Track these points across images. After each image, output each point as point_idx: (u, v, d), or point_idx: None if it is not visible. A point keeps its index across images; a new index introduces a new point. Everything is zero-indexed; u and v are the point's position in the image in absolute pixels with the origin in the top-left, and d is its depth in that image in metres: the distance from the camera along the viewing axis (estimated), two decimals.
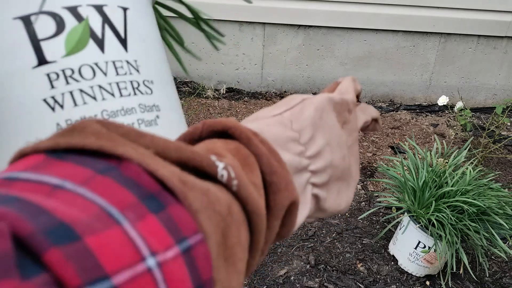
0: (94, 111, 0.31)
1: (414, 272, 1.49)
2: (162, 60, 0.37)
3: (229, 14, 2.83)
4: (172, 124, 0.36)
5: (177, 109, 0.38)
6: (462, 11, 2.84)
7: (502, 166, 2.35)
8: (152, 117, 0.34)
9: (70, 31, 0.30)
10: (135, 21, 0.35)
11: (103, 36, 0.32)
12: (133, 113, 0.33)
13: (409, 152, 1.61)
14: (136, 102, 0.33)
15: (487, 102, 3.21)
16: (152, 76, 0.35)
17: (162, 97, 0.35)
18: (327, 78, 3.11)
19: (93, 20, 0.32)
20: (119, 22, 0.33)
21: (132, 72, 0.33)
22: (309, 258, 1.55)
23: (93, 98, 0.31)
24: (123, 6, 0.34)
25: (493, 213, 1.33)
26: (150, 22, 0.37)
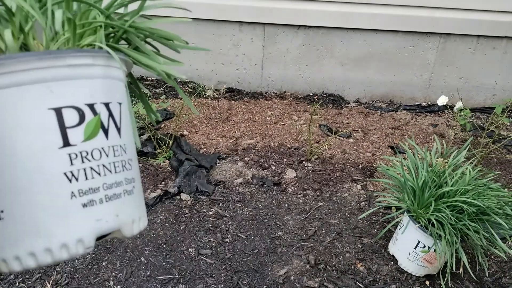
0: (97, 184, 0.41)
1: (414, 272, 1.50)
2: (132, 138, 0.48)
3: (229, 14, 2.84)
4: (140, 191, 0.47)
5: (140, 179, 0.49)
6: (461, 11, 2.85)
7: (501, 166, 2.36)
8: (131, 188, 0.44)
9: (88, 123, 0.40)
10: (125, 113, 0.45)
11: (108, 126, 0.42)
12: (121, 185, 0.43)
13: (409, 152, 1.61)
14: (123, 177, 0.43)
15: (486, 102, 3.21)
16: (131, 155, 0.46)
17: (136, 171, 0.46)
18: (327, 78, 3.12)
19: (103, 114, 0.41)
20: (117, 115, 0.43)
21: (122, 154, 0.44)
22: (309, 258, 1.55)
23: (98, 174, 0.40)
24: (119, 101, 0.44)
25: (493, 213, 1.33)
26: (130, 109, 0.48)
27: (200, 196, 1.89)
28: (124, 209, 0.43)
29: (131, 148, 0.45)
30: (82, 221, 0.39)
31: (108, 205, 0.41)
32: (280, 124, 2.68)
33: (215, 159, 2.17)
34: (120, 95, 0.45)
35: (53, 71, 0.38)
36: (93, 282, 1.40)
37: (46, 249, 0.38)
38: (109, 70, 0.44)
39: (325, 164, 2.22)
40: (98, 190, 0.40)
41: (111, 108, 0.43)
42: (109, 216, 0.41)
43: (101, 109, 0.41)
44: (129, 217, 0.43)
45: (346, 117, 2.87)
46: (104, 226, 0.41)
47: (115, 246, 1.56)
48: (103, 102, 0.42)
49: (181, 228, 1.68)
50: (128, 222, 0.43)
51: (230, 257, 1.55)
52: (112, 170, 0.42)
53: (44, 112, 0.38)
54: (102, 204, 0.41)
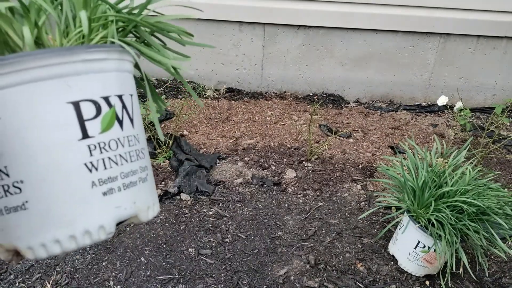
0: (116, 173, 0.43)
1: (414, 272, 1.50)
2: (143, 128, 0.50)
3: (229, 14, 2.84)
4: (152, 178, 0.50)
5: (151, 167, 0.51)
6: (461, 11, 2.85)
7: (501, 166, 2.36)
8: (145, 175, 0.47)
9: (104, 115, 0.42)
10: (136, 103, 0.48)
11: (122, 118, 0.44)
12: (136, 173, 0.45)
13: (409, 152, 1.61)
14: (138, 165, 0.46)
15: (486, 102, 3.21)
16: (144, 144, 0.48)
17: (148, 159, 0.49)
18: (327, 78, 3.12)
19: (117, 106, 0.43)
20: (129, 106, 0.45)
21: (136, 143, 0.46)
22: (309, 258, 1.55)
23: (116, 163, 0.43)
24: (131, 93, 0.46)
25: (493, 213, 1.33)
26: (137, 99, 0.50)
27: (200, 196, 1.89)
28: (140, 196, 0.45)
29: (142, 137, 0.48)
30: (103, 209, 0.41)
31: (125, 193, 0.43)
32: (280, 124, 2.68)
33: (215, 159, 2.17)
34: (131, 87, 0.47)
35: (70, 67, 0.40)
36: (93, 282, 1.40)
37: (71, 236, 0.40)
38: (122, 63, 0.46)
39: (325, 164, 2.22)
40: (116, 179, 0.43)
41: (124, 100, 0.45)
42: (127, 203, 0.43)
43: (116, 102, 0.43)
44: (145, 203, 0.46)
45: (346, 117, 2.87)
46: (123, 212, 0.43)
47: (115, 246, 1.56)
48: (117, 94, 0.44)
49: (181, 228, 1.68)
50: (144, 208, 0.46)
51: (230, 257, 1.55)
52: (128, 160, 0.44)
53: (63, 106, 0.39)
54: (120, 192, 0.43)
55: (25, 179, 0.39)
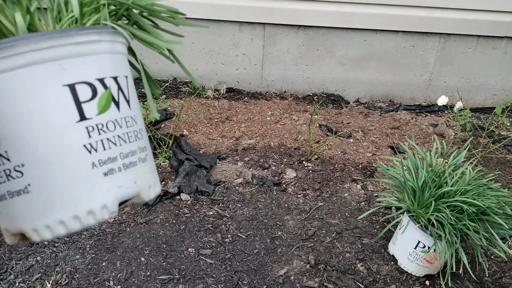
0: (115, 154, 0.43)
1: (414, 272, 1.50)
2: (140, 110, 0.50)
3: (229, 14, 2.84)
4: (152, 159, 0.50)
5: (150, 148, 0.51)
6: (461, 11, 2.85)
7: (501, 166, 2.36)
8: (144, 156, 0.47)
9: (100, 96, 0.42)
10: (131, 85, 0.48)
11: (119, 99, 0.44)
12: (136, 154, 0.46)
13: (409, 152, 1.61)
14: (137, 146, 0.46)
15: (486, 102, 3.21)
16: (141, 125, 0.49)
17: (146, 140, 0.49)
18: (327, 78, 3.12)
19: (113, 88, 0.44)
20: (125, 87, 0.46)
21: (134, 124, 0.46)
22: (309, 258, 1.55)
23: (114, 144, 0.43)
24: (125, 75, 0.47)
25: (493, 213, 1.33)
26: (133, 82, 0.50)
27: (200, 196, 1.89)
28: (140, 176, 0.46)
29: (140, 119, 0.49)
30: (105, 189, 0.42)
31: (126, 173, 0.44)
32: (280, 124, 2.68)
33: (215, 159, 2.17)
34: (125, 69, 0.48)
35: (63, 49, 0.40)
36: (93, 282, 1.40)
37: (75, 216, 0.41)
38: (115, 45, 0.46)
39: (325, 164, 2.22)
40: (116, 159, 0.43)
41: (119, 82, 0.45)
42: (128, 182, 0.44)
43: (111, 83, 0.44)
44: (146, 182, 0.47)
45: (346, 117, 2.87)
46: (125, 192, 0.44)
47: (115, 246, 1.56)
48: (112, 76, 0.44)
49: (181, 228, 1.68)
50: (145, 188, 0.47)
51: (230, 257, 1.55)
52: (127, 140, 0.45)
53: (59, 89, 0.40)
54: (121, 172, 0.44)
55: (26, 162, 0.39)
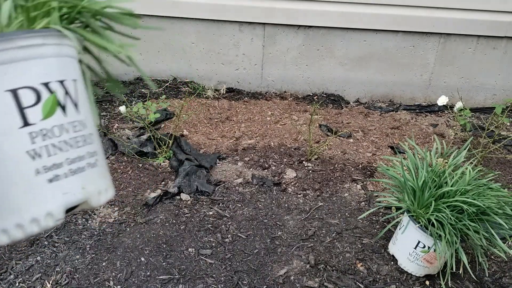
0: (61, 159, 0.42)
1: (414, 272, 1.50)
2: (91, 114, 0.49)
3: (229, 14, 2.84)
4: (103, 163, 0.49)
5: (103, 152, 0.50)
6: (461, 11, 2.85)
7: (501, 166, 2.36)
8: (94, 161, 0.46)
9: (45, 101, 0.41)
10: (81, 89, 0.47)
11: (65, 103, 0.43)
12: (84, 159, 0.45)
13: (409, 152, 1.61)
14: (85, 150, 0.45)
15: (486, 102, 3.21)
16: (92, 130, 0.47)
17: (98, 144, 0.48)
18: (327, 78, 3.12)
19: (59, 92, 0.43)
20: (73, 91, 0.45)
21: (82, 129, 0.45)
22: (309, 258, 1.56)
23: (60, 149, 0.42)
24: (74, 78, 0.46)
25: (493, 213, 1.33)
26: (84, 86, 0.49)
27: (200, 196, 1.89)
28: (89, 181, 0.45)
29: (91, 123, 0.47)
30: (49, 196, 0.41)
31: (73, 179, 0.43)
32: (280, 124, 2.68)
33: (215, 159, 2.17)
34: (74, 72, 0.46)
35: (5, 54, 0.39)
36: (93, 282, 1.40)
37: (18, 224, 0.39)
38: (62, 48, 0.45)
39: (325, 164, 2.22)
40: (61, 165, 0.42)
41: (67, 86, 0.44)
42: (75, 189, 0.43)
43: (57, 87, 0.43)
44: (95, 188, 0.46)
45: (346, 117, 2.87)
46: (71, 198, 0.43)
47: (115, 246, 1.56)
48: (58, 80, 0.43)
49: (181, 228, 1.68)
50: (95, 193, 0.45)
51: (230, 257, 1.55)
52: (74, 145, 0.44)
53: (1, 94, 0.39)
54: (67, 178, 0.42)
55: None
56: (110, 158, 2.14)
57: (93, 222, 1.68)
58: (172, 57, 3.03)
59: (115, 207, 1.78)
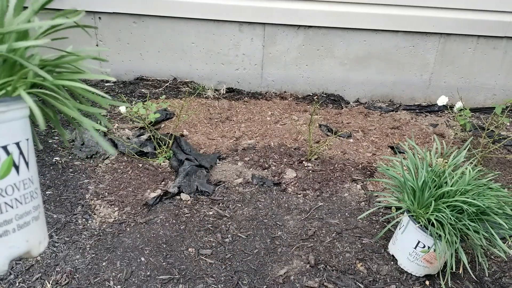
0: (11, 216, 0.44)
1: (414, 271, 1.50)
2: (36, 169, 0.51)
3: (229, 14, 2.84)
4: (43, 214, 0.51)
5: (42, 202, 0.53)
6: (461, 11, 2.85)
7: (501, 166, 2.36)
8: (38, 214, 0.49)
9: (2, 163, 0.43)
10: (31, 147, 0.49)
11: (19, 163, 0.46)
12: (30, 214, 0.47)
13: (409, 152, 1.61)
14: (32, 205, 0.48)
15: (486, 102, 3.21)
16: (37, 183, 0.50)
17: (40, 196, 0.51)
18: (327, 78, 3.12)
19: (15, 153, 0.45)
20: (25, 150, 0.47)
21: (31, 185, 0.48)
22: (309, 258, 1.56)
23: (11, 207, 0.44)
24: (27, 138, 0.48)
25: (493, 213, 1.33)
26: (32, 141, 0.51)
27: (200, 196, 1.89)
28: (32, 234, 0.48)
29: (36, 178, 0.50)
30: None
31: (19, 233, 0.46)
32: (280, 124, 2.68)
33: (215, 159, 2.17)
34: (28, 131, 0.49)
35: None
36: (93, 282, 1.40)
37: None
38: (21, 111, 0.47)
39: (325, 164, 2.22)
40: (11, 221, 0.45)
41: (21, 146, 0.46)
42: (20, 242, 0.46)
43: (13, 149, 0.45)
44: (37, 239, 0.49)
45: (346, 117, 2.87)
46: (16, 251, 0.45)
47: (115, 246, 1.56)
48: (15, 142, 0.45)
49: (181, 228, 1.68)
50: (36, 244, 0.48)
51: (230, 257, 1.55)
52: (23, 202, 0.46)
53: None
54: (14, 233, 0.45)
55: None
56: (110, 158, 2.14)
57: (93, 222, 1.68)
58: (172, 57, 3.03)
59: (115, 207, 1.78)
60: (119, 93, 2.89)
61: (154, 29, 2.92)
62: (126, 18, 2.88)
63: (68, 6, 2.76)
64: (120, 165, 2.10)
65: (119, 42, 2.96)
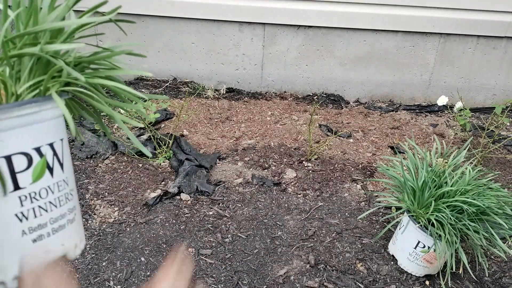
0: (45, 220, 0.44)
1: (414, 272, 1.50)
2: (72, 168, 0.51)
3: (229, 14, 2.84)
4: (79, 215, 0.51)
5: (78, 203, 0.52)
6: (461, 11, 2.85)
7: (501, 166, 2.36)
8: (73, 216, 0.48)
9: (35, 166, 0.43)
10: (66, 147, 0.49)
11: (53, 165, 0.45)
12: (65, 216, 0.47)
13: (409, 152, 1.61)
14: (67, 208, 0.47)
15: (486, 102, 3.21)
16: (72, 185, 0.49)
17: (76, 198, 0.50)
18: (327, 78, 3.11)
19: (48, 155, 0.45)
20: (60, 151, 0.47)
21: (65, 187, 0.47)
22: (309, 258, 1.56)
23: (45, 210, 0.44)
24: (61, 138, 0.48)
25: (493, 213, 1.33)
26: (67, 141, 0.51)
27: (200, 196, 1.89)
28: (68, 237, 0.48)
29: (71, 178, 0.50)
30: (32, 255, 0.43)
31: (55, 237, 0.46)
32: (280, 124, 2.68)
33: (215, 159, 2.17)
34: (62, 131, 0.49)
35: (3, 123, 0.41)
36: (93, 282, 1.40)
37: (1, 282, 0.42)
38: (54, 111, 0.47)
39: (325, 164, 2.22)
40: (46, 225, 0.44)
41: (55, 147, 0.46)
42: (56, 246, 0.46)
43: (47, 150, 0.45)
44: (73, 243, 0.48)
45: (346, 117, 2.87)
46: (51, 256, 0.45)
47: (115, 246, 1.56)
48: (48, 143, 0.45)
49: (181, 228, 1.68)
50: (72, 248, 0.48)
51: (230, 257, 1.55)
52: (57, 205, 0.46)
53: None
54: (49, 237, 0.45)
55: None
56: (110, 158, 2.14)
57: (93, 222, 1.68)
58: (172, 57, 3.03)
59: (115, 207, 1.78)
60: None
61: (154, 29, 2.92)
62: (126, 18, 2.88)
63: None
64: (120, 165, 2.10)
65: (119, 42, 2.96)
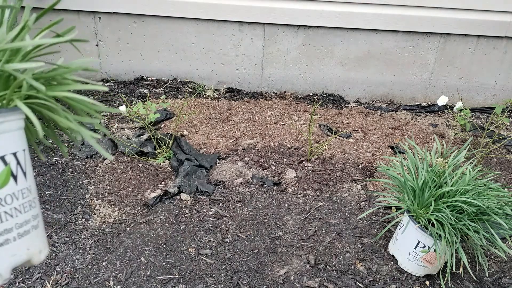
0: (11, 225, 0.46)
1: (414, 272, 1.50)
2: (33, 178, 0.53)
3: (229, 14, 2.84)
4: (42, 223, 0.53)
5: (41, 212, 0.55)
6: (462, 11, 2.85)
7: (501, 166, 2.36)
8: (37, 223, 0.51)
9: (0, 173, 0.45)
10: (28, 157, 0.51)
11: (17, 173, 0.47)
12: (29, 222, 0.49)
13: (409, 152, 1.61)
14: (31, 215, 0.50)
15: (486, 102, 3.21)
16: (35, 193, 0.52)
17: (39, 206, 0.52)
18: (327, 78, 3.12)
19: (12, 163, 0.47)
20: (22, 160, 0.49)
21: (29, 194, 0.49)
22: (309, 258, 1.56)
23: (11, 216, 0.46)
24: (23, 148, 0.50)
25: (493, 213, 1.33)
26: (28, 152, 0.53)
27: (200, 196, 1.89)
28: (32, 243, 0.50)
29: (34, 187, 0.52)
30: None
31: (20, 242, 0.47)
32: (280, 124, 2.68)
33: (215, 159, 2.17)
34: (23, 142, 0.51)
35: None
36: (93, 282, 1.40)
37: None
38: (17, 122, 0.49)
39: (325, 164, 2.22)
40: (11, 230, 0.46)
41: (18, 156, 0.48)
42: (21, 250, 0.48)
43: (11, 159, 0.47)
44: (37, 248, 0.50)
45: (346, 117, 2.87)
46: (18, 259, 0.47)
47: (115, 246, 1.56)
48: (12, 152, 0.47)
49: (181, 228, 1.68)
50: (36, 253, 0.50)
51: (230, 257, 1.55)
52: (22, 211, 0.48)
53: None
54: (15, 241, 0.47)
55: None
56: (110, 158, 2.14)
57: (93, 222, 1.68)
58: (172, 57, 3.03)
59: (115, 207, 1.78)
60: (119, 93, 2.90)
61: (154, 29, 2.92)
62: (126, 18, 2.88)
63: (68, 6, 2.76)
64: (120, 165, 2.10)
65: (119, 42, 2.96)
